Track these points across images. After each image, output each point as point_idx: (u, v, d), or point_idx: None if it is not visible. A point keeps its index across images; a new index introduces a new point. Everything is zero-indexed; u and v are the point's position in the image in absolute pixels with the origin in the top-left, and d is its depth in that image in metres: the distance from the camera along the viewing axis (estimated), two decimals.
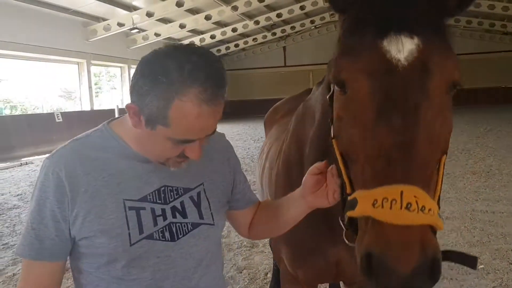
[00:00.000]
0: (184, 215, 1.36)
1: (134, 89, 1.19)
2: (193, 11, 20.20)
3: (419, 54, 1.08)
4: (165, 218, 1.32)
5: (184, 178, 1.40)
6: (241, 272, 4.46)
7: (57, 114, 16.68)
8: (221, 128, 1.27)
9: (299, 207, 1.52)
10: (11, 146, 13.74)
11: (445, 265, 1.04)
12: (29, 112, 20.22)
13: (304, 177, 1.47)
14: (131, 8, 18.36)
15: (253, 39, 28.96)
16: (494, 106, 27.20)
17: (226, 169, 1.54)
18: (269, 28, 27.17)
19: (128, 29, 19.04)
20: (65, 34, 17.33)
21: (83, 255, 1.31)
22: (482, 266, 4.45)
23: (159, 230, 1.31)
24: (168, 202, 1.34)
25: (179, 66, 1.12)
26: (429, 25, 1.11)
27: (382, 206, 0.98)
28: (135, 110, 1.21)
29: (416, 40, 1.09)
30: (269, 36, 28.94)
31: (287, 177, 1.93)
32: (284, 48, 32.84)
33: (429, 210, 0.99)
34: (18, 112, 20.36)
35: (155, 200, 1.32)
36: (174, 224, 1.33)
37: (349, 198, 1.11)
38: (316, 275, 1.93)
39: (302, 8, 23.38)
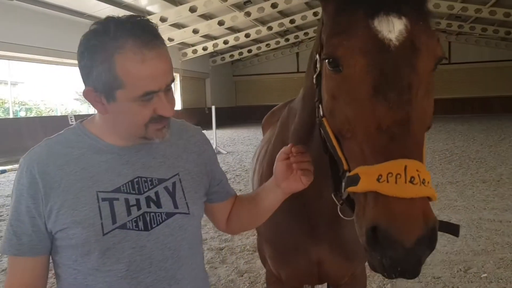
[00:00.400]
0: (158, 205, 1.37)
1: (82, 73, 1.26)
2: (206, 17, 20.40)
3: (408, 34, 1.12)
4: (139, 208, 1.34)
5: (159, 169, 1.42)
6: (242, 276, 4.47)
7: (70, 117, 16.91)
8: (232, 133, 1.31)
9: (275, 196, 1.56)
10: (25, 148, 13.90)
11: (447, 273, 1.04)
12: (43, 115, 20.50)
13: (274, 165, 1.51)
14: (145, 13, 18.57)
15: (266, 45, 29.07)
16: (509, 114, 26.84)
17: (203, 161, 1.55)
18: (282, 34, 27.26)
19: None
20: (79, 38, 17.54)
21: (60, 248, 1.34)
22: (485, 275, 4.40)
23: (133, 220, 1.32)
24: (142, 192, 1.36)
25: (104, 28, 1.21)
26: (413, 5, 1.16)
27: (388, 181, 1.01)
28: (91, 92, 1.27)
29: (404, 20, 1.13)
30: (282, 42, 29.02)
31: (270, 176, 1.94)
32: (297, 54, 32.94)
33: (428, 182, 1.04)
34: (33, 115, 20.67)
35: (129, 191, 1.34)
36: (148, 214, 1.35)
37: (348, 174, 1.14)
38: (298, 275, 1.93)
39: (315, 14, 23.37)
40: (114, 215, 1.31)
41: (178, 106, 26.69)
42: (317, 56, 1.32)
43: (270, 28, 24.31)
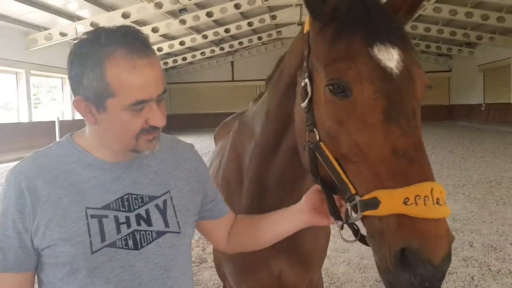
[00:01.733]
0: (149, 223, 1.33)
1: (72, 82, 1.24)
2: (140, 23, 19.93)
3: (403, 63, 1.20)
4: (129, 226, 1.30)
5: (150, 186, 1.38)
6: None
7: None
8: None
9: (294, 222, 1.54)
10: None
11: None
12: None
13: (308, 194, 1.51)
14: (74, 18, 17.88)
15: (201, 53, 28.93)
16: (425, 122, 28.56)
17: (195, 178, 1.52)
18: (217, 42, 27.27)
19: (71, 39, 18.43)
20: (3, 43, 16.58)
21: (46, 266, 1.29)
22: None
23: (122, 238, 1.28)
24: (132, 210, 1.32)
25: (94, 37, 1.21)
26: (401, 36, 1.24)
27: (416, 203, 1.05)
28: (81, 101, 1.24)
29: (397, 50, 1.20)
30: (217, 51, 29.02)
31: (226, 191, 1.94)
32: (232, 63, 33.11)
33: (445, 202, 1.10)
34: None
35: (118, 208, 1.30)
36: (138, 232, 1.31)
37: (361, 198, 1.14)
38: None
39: (249, 24, 23.70)
40: (103, 233, 1.26)
41: None
42: (306, 80, 1.31)
43: (205, 37, 24.25)
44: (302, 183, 1.75)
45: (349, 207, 1.19)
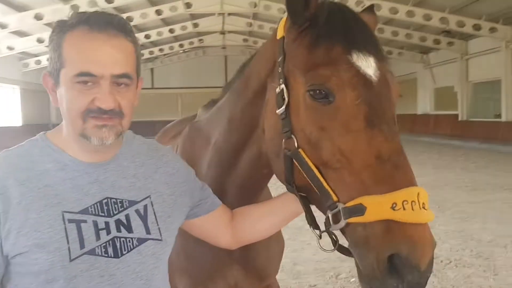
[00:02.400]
0: (129, 229, 1.24)
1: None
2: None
3: (380, 70, 1.21)
4: (108, 232, 1.21)
5: (130, 190, 1.29)
6: None
7: None
8: None
9: (298, 204, 1.48)
10: None
11: (321, 280, 1.08)
12: None
13: None
14: None
15: None
16: None
17: (176, 180, 1.43)
18: None
19: None
20: None
21: (16, 275, 1.17)
22: (354, 279, 4.77)
23: (102, 245, 1.19)
24: (112, 215, 1.23)
25: (67, 19, 1.22)
26: (376, 45, 1.27)
27: (404, 208, 1.04)
28: (46, 76, 1.24)
29: (373, 58, 1.22)
30: None
31: None
32: (152, 70, 32.39)
33: (428, 207, 1.09)
34: None
35: (97, 213, 1.21)
36: (118, 239, 1.22)
37: (346, 205, 1.11)
38: None
39: (171, 31, 23.40)
40: (82, 239, 1.16)
41: (18, 121, 24.21)
42: (283, 86, 1.28)
43: None
44: (262, 191, 1.72)
45: (330, 215, 1.15)
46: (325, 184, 1.16)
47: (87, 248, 1.17)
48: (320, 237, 1.29)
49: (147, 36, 23.37)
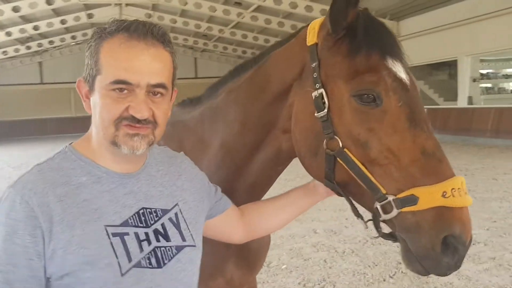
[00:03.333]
0: (167, 238, 1.25)
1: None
2: None
3: (408, 74, 1.35)
4: (149, 243, 1.20)
5: (160, 199, 1.30)
6: None
7: None
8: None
9: (311, 201, 1.63)
10: None
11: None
12: None
13: None
14: None
15: (3, 52, 25.62)
16: None
17: (196, 187, 1.44)
18: (24, 41, 24.55)
19: None
20: None
21: None
22: (285, 266, 4.99)
23: (146, 257, 1.18)
24: (149, 225, 1.23)
25: (105, 27, 1.20)
26: (401, 50, 1.39)
27: (453, 196, 1.19)
28: (80, 82, 1.23)
29: (402, 63, 1.36)
30: (23, 50, 26.12)
31: None
32: (40, 63, 30.16)
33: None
34: None
35: (136, 224, 1.20)
36: (159, 249, 1.22)
37: (397, 196, 1.23)
38: None
39: (63, 22, 21.98)
40: (128, 252, 1.15)
41: None
42: (321, 91, 1.36)
43: (9, 34, 21.62)
44: (269, 187, 1.78)
45: (378, 206, 1.26)
46: (373, 179, 1.28)
47: (134, 261, 1.16)
48: (367, 226, 1.42)
49: (35, 28, 21.75)
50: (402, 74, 1.33)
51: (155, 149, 1.39)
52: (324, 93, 1.36)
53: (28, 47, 26.08)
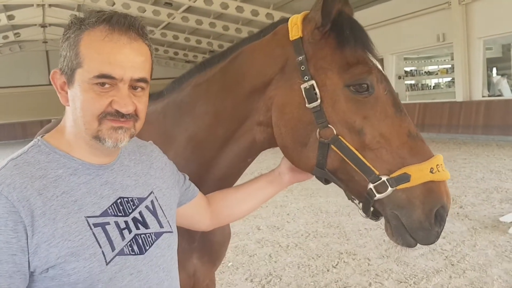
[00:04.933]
0: (145, 225, 1.27)
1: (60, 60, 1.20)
2: None
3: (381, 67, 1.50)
4: (130, 231, 1.22)
5: (135, 188, 1.31)
6: None
7: None
8: None
9: (275, 188, 1.68)
10: None
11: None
12: None
13: (283, 158, 1.63)
14: None
15: None
16: None
17: (167, 174, 1.46)
18: None
19: None
20: None
21: None
22: (231, 263, 4.97)
23: (128, 244, 1.20)
24: (128, 214, 1.25)
25: (84, 17, 1.18)
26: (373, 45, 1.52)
27: (439, 171, 1.32)
28: (56, 74, 1.20)
29: (376, 57, 1.49)
30: None
31: None
32: None
33: None
34: None
35: (116, 214, 1.22)
36: (139, 236, 1.24)
37: (391, 176, 1.33)
38: None
39: (10, 18, 20.59)
40: (111, 241, 1.16)
41: None
42: (312, 82, 1.42)
43: None
44: (237, 179, 1.78)
45: (372, 187, 1.35)
46: (367, 163, 1.36)
47: (117, 249, 1.17)
48: (360, 208, 1.46)
49: None
50: (379, 65, 1.45)
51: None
52: (315, 85, 1.41)
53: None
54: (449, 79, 25.21)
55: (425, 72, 26.72)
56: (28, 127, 27.29)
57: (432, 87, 27.14)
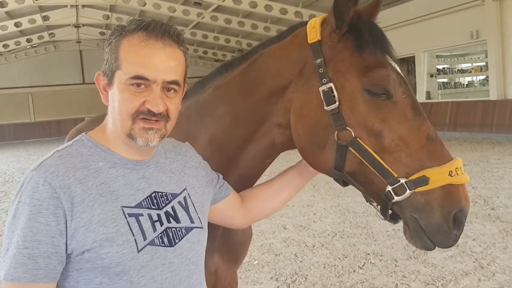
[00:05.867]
0: (177, 219, 1.35)
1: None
2: None
3: (401, 69, 1.47)
4: (161, 224, 1.31)
5: (170, 184, 1.40)
6: None
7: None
8: None
9: (304, 176, 1.72)
10: None
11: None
12: None
13: None
14: None
15: None
16: None
17: (201, 173, 1.54)
18: None
19: None
20: None
21: (79, 272, 1.22)
22: (256, 261, 5.01)
23: (158, 236, 1.29)
24: (161, 207, 1.33)
25: (125, 25, 1.29)
26: (392, 47, 1.51)
27: (458, 174, 1.31)
28: (99, 75, 1.30)
29: (395, 60, 1.48)
30: None
31: None
32: None
33: None
34: None
35: (149, 206, 1.30)
36: (170, 229, 1.32)
37: (409, 178, 1.33)
38: None
39: (17, 25, 21.29)
40: (143, 231, 1.25)
41: None
42: (330, 85, 1.43)
43: None
44: (257, 180, 1.81)
45: (390, 189, 1.35)
46: (385, 165, 1.36)
47: (149, 239, 1.25)
48: (378, 210, 1.46)
49: None
50: (398, 68, 1.44)
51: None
52: (333, 87, 1.43)
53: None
54: (483, 77, 24.52)
55: (458, 70, 26.06)
56: (62, 125, 27.98)
57: (465, 85, 26.46)
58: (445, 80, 25.24)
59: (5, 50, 26.37)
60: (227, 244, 1.87)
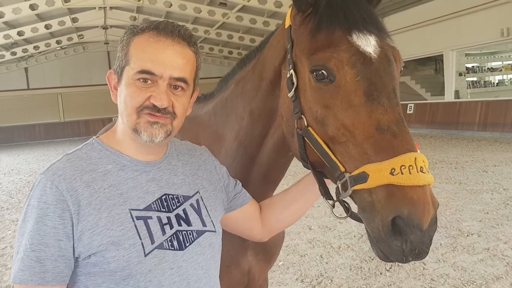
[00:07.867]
0: (188, 222, 1.33)
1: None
2: None
3: (380, 48, 1.28)
4: (171, 227, 1.29)
5: (182, 186, 1.38)
6: None
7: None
8: None
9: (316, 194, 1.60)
10: None
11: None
12: None
13: None
14: None
15: None
16: None
17: (215, 177, 1.52)
18: (8, 47, 24.27)
19: None
20: None
21: (87, 276, 1.20)
22: (281, 262, 4.99)
23: (168, 239, 1.26)
24: (171, 210, 1.31)
25: (136, 25, 1.31)
26: (376, 23, 1.33)
27: (402, 173, 1.10)
28: (111, 73, 1.31)
29: (374, 36, 1.29)
30: (8, 56, 25.81)
31: None
32: (26, 69, 29.76)
33: (428, 170, 1.15)
34: None
35: (159, 209, 1.29)
36: (180, 232, 1.30)
37: (350, 174, 1.18)
38: None
39: (47, 27, 21.76)
40: (151, 235, 1.23)
41: None
42: (292, 71, 1.36)
43: None
44: (283, 175, 1.78)
45: (339, 185, 1.24)
46: (333, 157, 1.25)
47: (157, 243, 1.23)
48: (333, 206, 1.38)
49: (20, 33, 21.50)
50: (367, 47, 1.27)
51: (177, 142, 1.50)
52: (293, 73, 1.36)
53: (13, 53, 25.78)
54: None
55: (488, 68, 25.45)
56: (91, 125, 28.59)
57: (495, 84, 25.82)
58: (475, 79, 24.68)
59: (36, 51, 26.99)
60: (261, 244, 1.85)
